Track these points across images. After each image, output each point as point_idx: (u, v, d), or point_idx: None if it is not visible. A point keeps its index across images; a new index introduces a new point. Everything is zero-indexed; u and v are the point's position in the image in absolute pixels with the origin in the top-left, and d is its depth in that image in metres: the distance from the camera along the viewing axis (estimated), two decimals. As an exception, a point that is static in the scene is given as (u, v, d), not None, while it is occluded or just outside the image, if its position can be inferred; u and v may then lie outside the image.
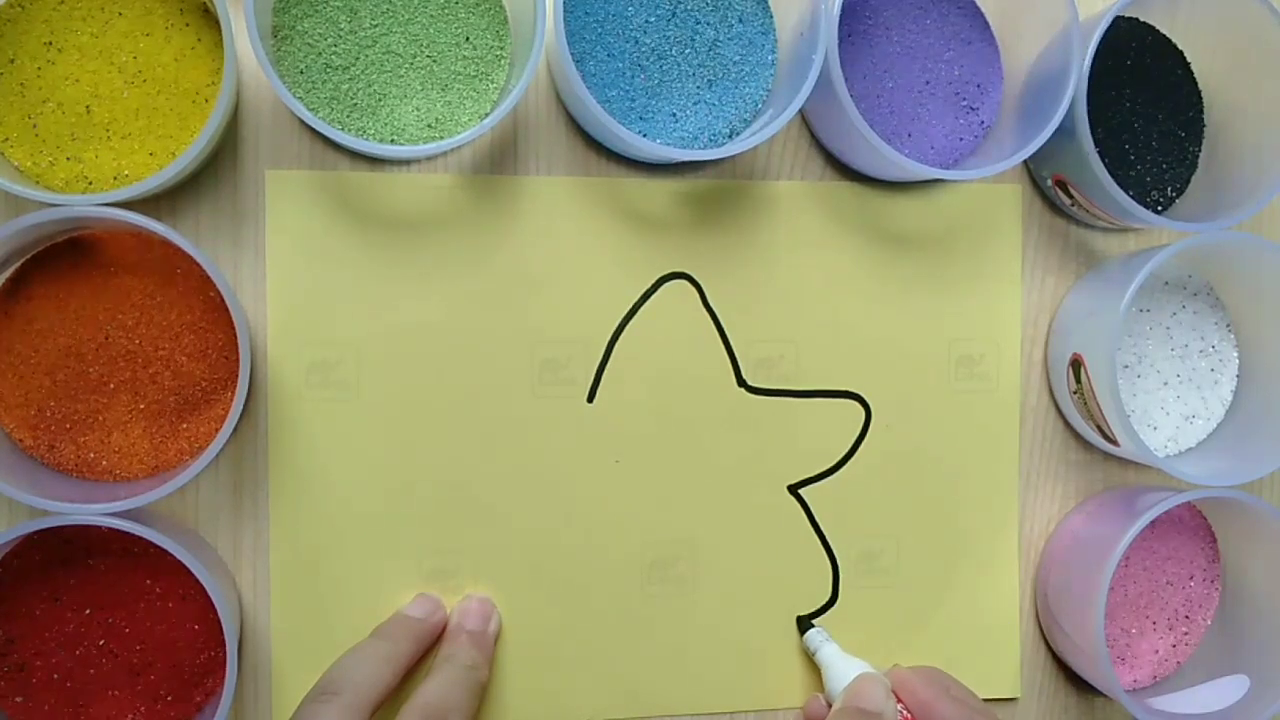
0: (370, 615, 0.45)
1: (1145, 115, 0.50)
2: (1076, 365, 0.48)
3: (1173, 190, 0.51)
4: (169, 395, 0.43)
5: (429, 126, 0.44)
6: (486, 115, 0.44)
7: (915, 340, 0.50)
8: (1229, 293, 0.51)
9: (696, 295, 0.48)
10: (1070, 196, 0.49)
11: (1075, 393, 0.49)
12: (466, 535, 0.47)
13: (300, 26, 0.43)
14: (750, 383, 0.49)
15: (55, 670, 0.42)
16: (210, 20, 0.43)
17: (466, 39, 0.45)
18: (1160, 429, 0.51)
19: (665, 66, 0.46)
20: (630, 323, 0.48)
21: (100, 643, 0.43)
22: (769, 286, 0.49)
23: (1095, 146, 0.45)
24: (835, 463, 0.50)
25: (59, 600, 0.42)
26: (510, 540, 0.47)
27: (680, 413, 0.48)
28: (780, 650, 0.49)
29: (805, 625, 0.49)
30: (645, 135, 0.45)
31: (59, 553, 0.43)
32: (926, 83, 0.49)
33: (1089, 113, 0.45)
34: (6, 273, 0.42)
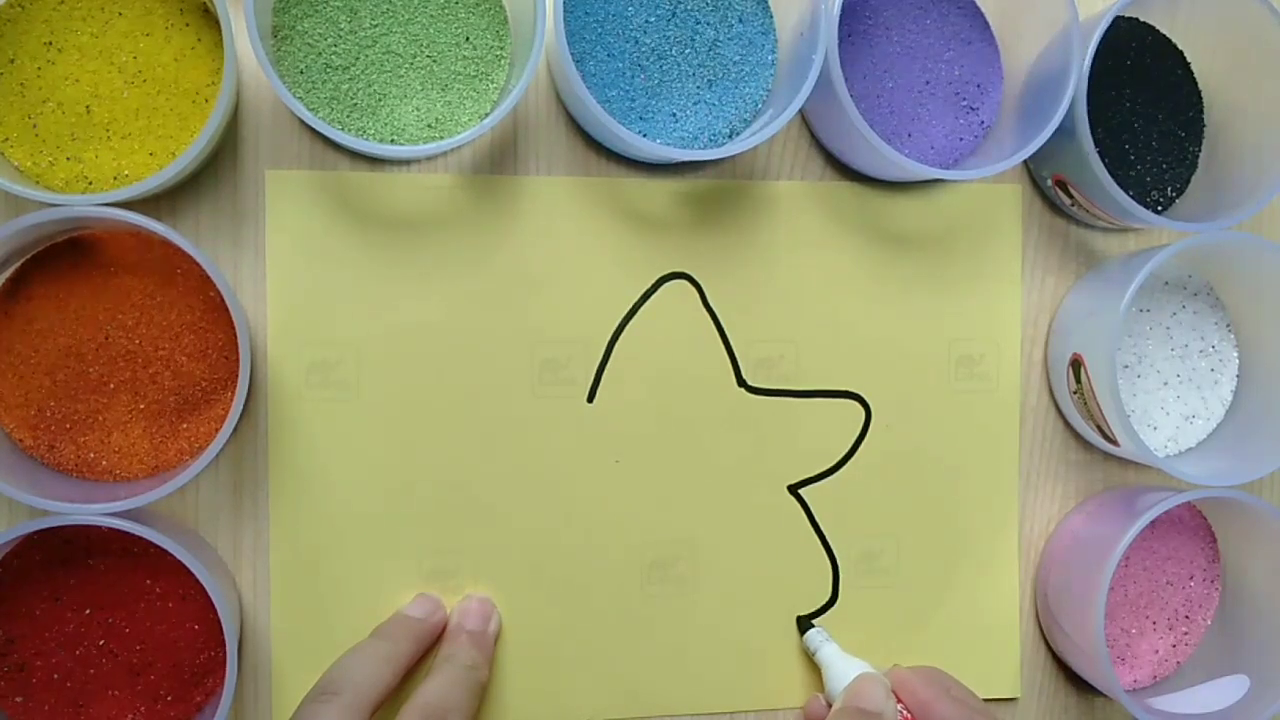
0: (370, 615, 0.45)
1: (1145, 115, 0.50)
2: (1076, 365, 0.48)
3: (1173, 190, 0.51)
4: (169, 395, 0.43)
5: (429, 126, 0.44)
6: (486, 115, 0.45)
7: (915, 340, 0.50)
8: (1229, 293, 0.51)
9: (696, 295, 0.48)
10: (1070, 196, 0.49)
11: (1075, 393, 0.49)
12: (466, 535, 0.47)
13: (300, 26, 0.43)
14: (750, 383, 0.49)
15: (55, 670, 0.42)
16: (210, 20, 0.43)
17: (466, 39, 0.45)
18: (1160, 429, 0.51)
19: (665, 66, 0.46)
20: (630, 323, 0.48)
21: (100, 643, 0.43)
22: (769, 286, 0.49)
23: (1095, 146, 0.45)
24: (835, 463, 0.50)
25: (59, 600, 0.42)
26: (510, 540, 0.47)
27: (680, 413, 0.48)
28: (780, 650, 0.49)
29: (805, 625, 0.49)
30: (645, 135, 0.45)
31: (59, 553, 0.43)
32: (926, 83, 0.49)
33: (1089, 113, 0.45)
34: (6, 273, 0.42)
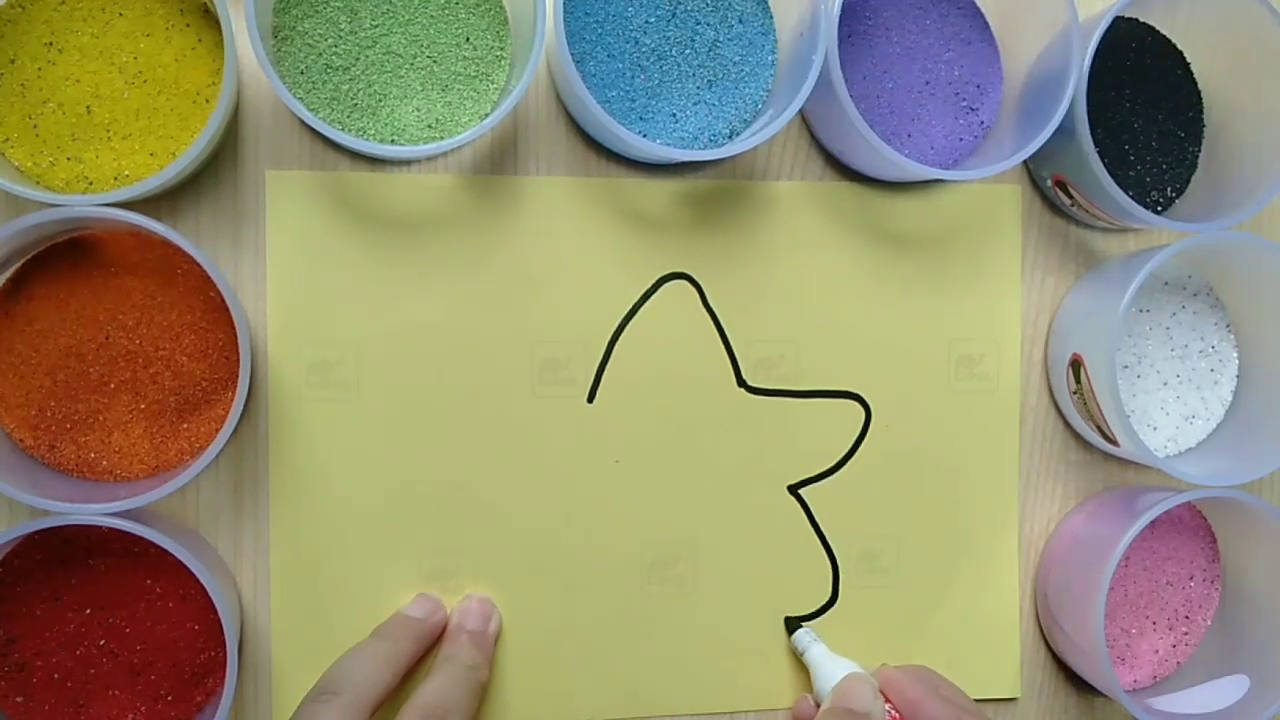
0: (370, 615, 0.45)
1: (1145, 115, 0.50)
2: (1076, 365, 0.48)
3: (1172, 190, 0.51)
4: (169, 395, 0.43)
5: (429, 127, 0.44)
6: (487, 115, 0.45)
7: (915, 340, 0.50)
8: (1229, 293, 0.51)
9: (696, 295, 0.48)
10: (1070, 197, 0.49)
11: (1075, 393, 0.49)
12: (466, 535, 0.47)
13: (301, 27, 0.43)
14: (750, 383, 0.49)
15: (56, 670, 0.42)
16: (211, 21, 0.43)
17: (467, 39, 0.45)
18: (1160, 429, 0.51)
19: (665, 67, 0.46)
20: (630, 323, 0.48)
21: (101, 642, 0.43)
22: (769, 286, 0.49)
23: (1095, 147, 0.45)
24: (835, 463, 0.50)
25: (59, 600, 0.43)
26: (510, 540, 0.47)
27: (680, 413, 0.48)
28: (780, 650, 0.49)
29: (793, 626, 0.49)
30: (645, 135, 0.45)
31: (59, 553, 0.43)
32: (926, 83, 0.49)
33: (1089, 113, 0.45)
34: (7, 273, 0.42)
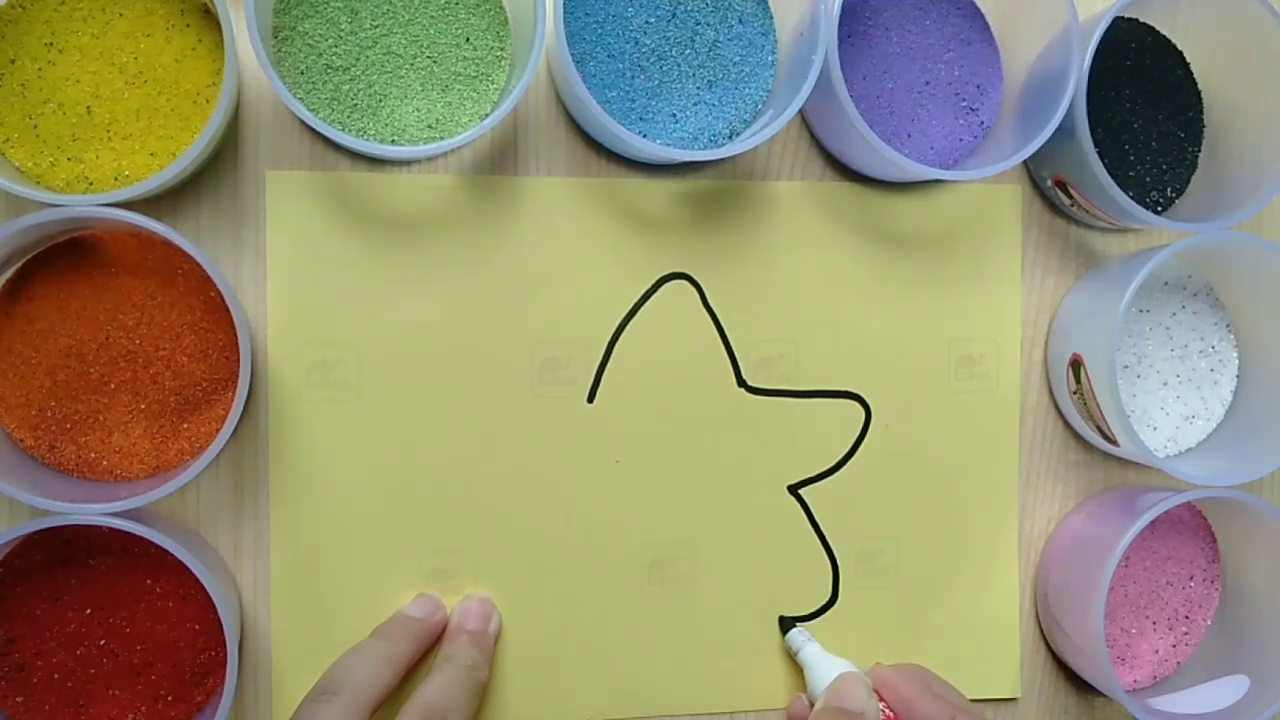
0: (370, 615, 0.45)
1: (1145, 115, 0.50)
2: (1076, 365, 0.48)
3: (1172, 190, 0.51)
4: (169, 395, 0.43)
5: (429, 127, 0.44)
6: (487, 116, 0.45)
7: (915, 340, 0.50)
8: (1229, 293, 0.51)
9: (696, 295, 0.48)
10: (1070, 197, 0.49)
11: (1075, 393, 0.49)
12: (466, 535, 0.47)
13: (301, 27, 0.43)
14: (750, 383, 0.49)
15: (56, 670, 0.42)
16: (211, 21, 0.43)
17: (467, 40, 0.45)
18: (1160, 429, 0.51)
19: (665, 67, 0.46)
20: (630, 323, 0.48)
21: (101, 642, 0.43)
22: (769, 286, 0.49)
23: (1095, 147, 0.45)
24: (835, 463, 0.50)
25: (60, 600, 0.43)
26: (510, 540, 0.47)
27: (680, 413, 0.48)
28: (780, 650, 0.49)
29: (787, 625, 0.49)
30: (645, 136, 0.45)
31: (60, 553, 0.43)
32: (926, 83, 0.49)
33: (1089, 113, 0.45)
34: (8, 273, 0.42)
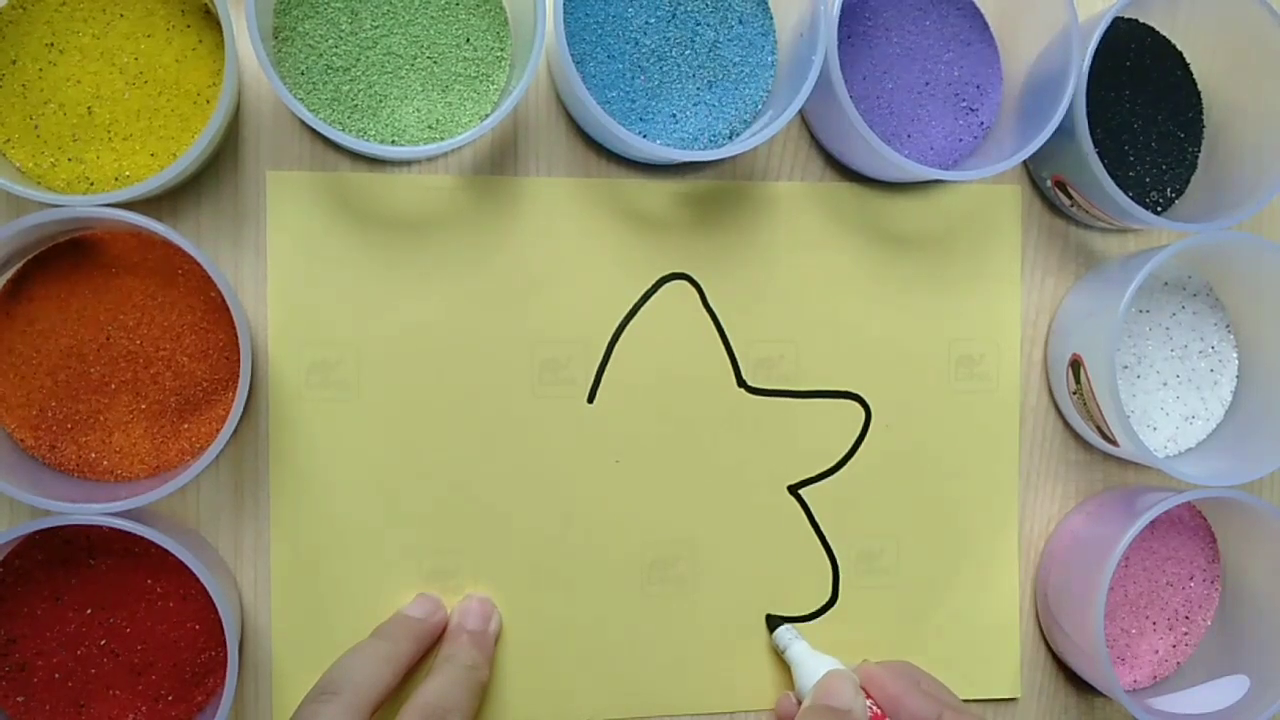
0: (370, 615, 0.45)
1: (1145, 116, 0.50)
2: (1076, 365, 0.48)
3: (1172, 191, 0.51)
4: (170, 395, 0.43)
5: (429, 127, 0.44)
6: (487, 116, 0.45)
7: (915, 340, 0.50)
8: (1228, 293, 0.51)
9: (696, 296, 0.48)
10: (1070, 197, 0.49)
11: (1075, 393, 0.49)
12: (466, 535, 0.47)
13: (301, 28, 0.43)
14: (750, 383, 0.49)
15: (56, 670, 0.42)
16: (211, 22, 0.43)
17: (467, 40, 0.45)
18: (1160, 429, 0.51)
19: (665, 68, 0.46)
20: (630, 323, 0.48)
21: (101, 642, 0.43)
22: (769, 287, 0.49)
23: (1094, 147, 0.45)
24: (835, 463, 0.50)
25: (60, 600, 0.43)
26: (510, 540, 0.47)
27: (680, 413, 0.48)
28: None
29: (774, 623, 0.49)
30: (645, 136, 0.45)
31: (60, 553, 0.43)
32: (926, 84, 0.49)
33: (1088, 113, 0.45)
34: (8, 273, 0.42)
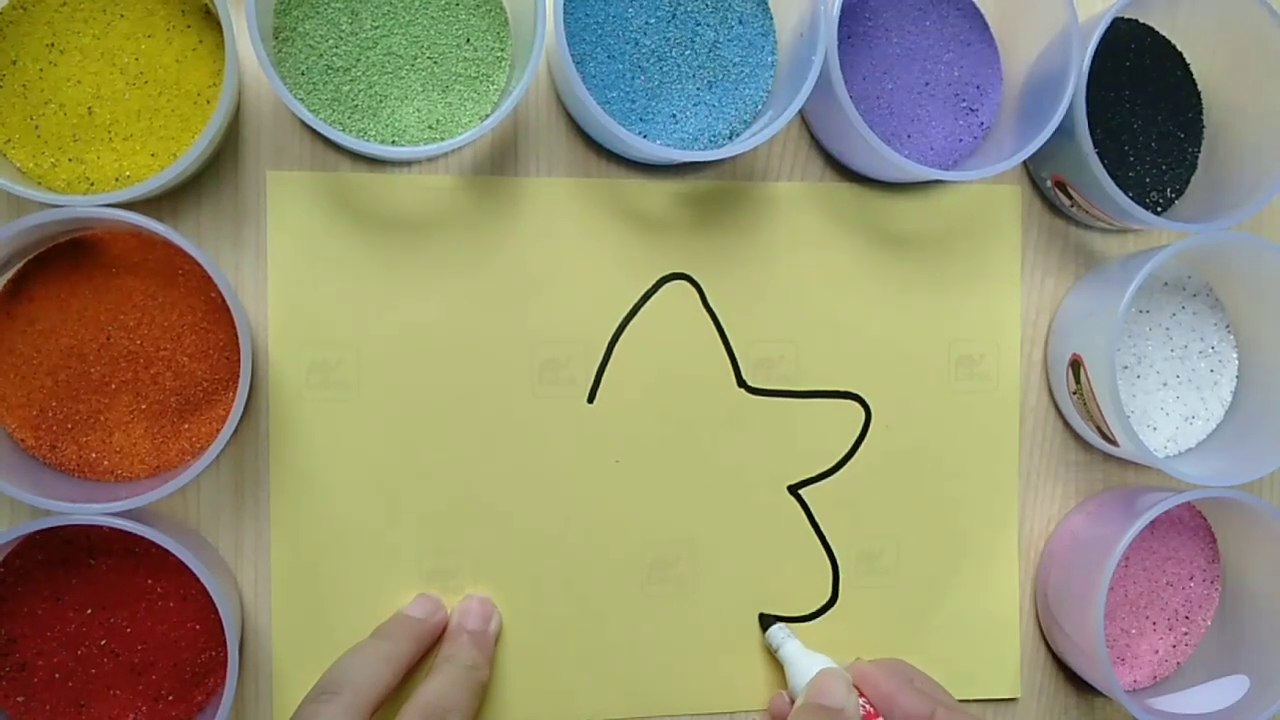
0: (370, 615, 0.45)
1: (1144, 116, 0.50)
2: (1076, 366, 0.48)
3: (1172, 191, 0.51)
4: (170, 395, 0.43)
5: (430, 128, 0.44)
6: (487, 116, 0.45)
7: (915, 340, 0.50)
8: (1228, 293, 0.51)
9: (696, 296, 0.48)
10: (1070, 197, 0.49)
11: (1075, 393, 0.49)
12: (466, 535, 0.47)
13: (301, 28, 0.43)
14: (750, 383, 0.49)
15: (57, 670, 0.42)
16: (212, 22, 0.43)
17: (467, 40, 0.45)
18: (1160, 429, 0.51)
19: (665, 68, 0.46)
20: (630, 323, 0.48)
21: (102, 642, 0.43)
22: (769, 287, 0.49)
23: (1094, 147, 0.45)
24: (835, 463, 0.50)
25: (60, 600, 0.43)
26: (510, 540, 0.47)
27: (680, 413, 0.48)
28: (780, 650, 0.49)
29: (767, 622, 0.49)
30: (645, 136, 0.45)
31: (60, 552, 0.43)
32: (926, 84, 0.49)
33: (1088, 114, 0.45)
34: (9, 273, 0.42)
